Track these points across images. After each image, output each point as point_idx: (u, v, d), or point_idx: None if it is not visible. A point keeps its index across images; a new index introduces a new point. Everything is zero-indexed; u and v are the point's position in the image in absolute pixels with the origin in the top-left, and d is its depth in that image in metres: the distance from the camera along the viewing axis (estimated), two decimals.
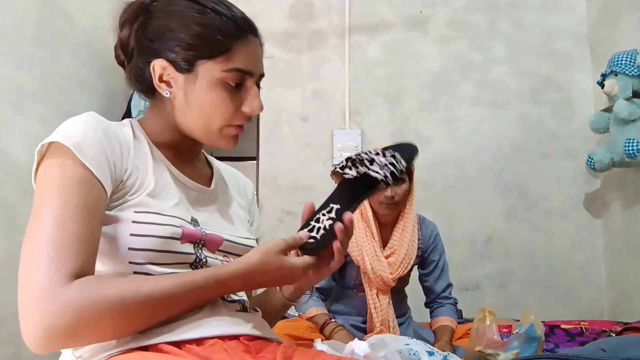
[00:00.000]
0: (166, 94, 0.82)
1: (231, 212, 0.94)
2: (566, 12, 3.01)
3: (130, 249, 0.73)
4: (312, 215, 0.84)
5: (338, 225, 0.81)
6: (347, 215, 0.82)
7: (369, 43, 3.03)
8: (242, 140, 1.06)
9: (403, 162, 0.84)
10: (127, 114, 2.59)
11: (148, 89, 0.86)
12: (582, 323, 2.10)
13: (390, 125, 2.98)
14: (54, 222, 0.67)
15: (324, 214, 0.83)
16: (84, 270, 0.67)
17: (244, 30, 0.80)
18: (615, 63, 2.42)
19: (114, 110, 2.60)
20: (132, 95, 2.77)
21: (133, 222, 0.74)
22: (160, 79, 0.82)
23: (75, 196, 0.69)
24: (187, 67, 0.80)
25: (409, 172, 1.83)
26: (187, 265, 0.79)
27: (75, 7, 2.34)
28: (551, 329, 2.04)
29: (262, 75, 0.85)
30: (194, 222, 0.83)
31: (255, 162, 3.09)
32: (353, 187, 0.85)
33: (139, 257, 0.74)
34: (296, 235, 0.82)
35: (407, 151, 0.87)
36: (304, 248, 0.83)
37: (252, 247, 0.90)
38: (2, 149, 1.83)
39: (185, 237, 0.78)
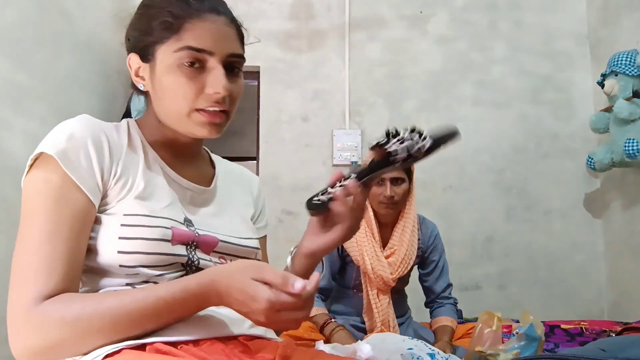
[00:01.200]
0: (141, 86, 0.83)
1: (232, 211, 0.92)
2: (566, 12, 3.01)
3: (119, 252, 0.73)
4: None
5: (339, 190, 0.79)
6: (351, 181, 0.79)
7: (369, 43, 3.03)
8: (242, 140, 1.06)
9: (422, 146, 0.82)
10: (127, 114, 2.59)
11: (139, 89, 0.86)
12: (582, 323, 2.10)
13: (390, 125, 2.97)
14: (33, 242, 0.70)
15: (341, 183, 0.81)
16: (57, 289, 0.69)
17: (196, 8, 0.77)
18: (615, 63, 2.42)
19: (113, 110, 2.60)
20: (131, 95, 2.77)
21: (122, 225, 0.74)
22: (137, 74, 0.83)
23: (58, 213, 0.71)
24: (148, 55, 0.80)
25: (409, 172, 1.83)
26: (179, 266, 0.78)
27: (75, 7, 2.34)
28: (551, 329, 2.04)
29: (232, 55, 0.79)
30: (187, 222, 0.81)
31: (255, 162, 3.09)
32: (377, 162, 0.84)
33: (130, 260, 0.74)
34: (285, 278, 0.66)
35: (441, 137, 0.84)
36: (309, 208, 0.84)
37: (252, 247, 0.89)
38: (2, 149, 1.83)
39: (176, 238, 0.77)
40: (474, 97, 2.98)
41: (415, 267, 1.95)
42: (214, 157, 0.99)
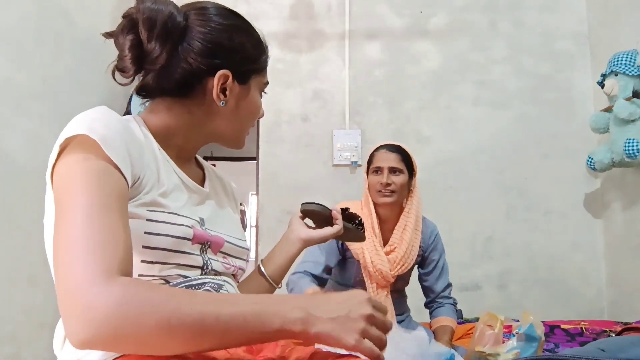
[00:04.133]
0: (222, 103, 0.85)
1: (226, 212, 0.95)
2: (566, 12, 3.01)
3: (144, 247, 0.72)
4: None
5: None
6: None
7: (368, 43, 3.03)
8: None
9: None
10: (127, 114, 2.59)
11: (181, 92, 0.85)
12: (582, 323, 2.10)
13: (390, 125, 2.98)
14: (89, 217, 0.64)
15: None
16: (124, 264, 0.63)
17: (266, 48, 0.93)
18: (615, 63, 2.42)
19: (114, 110, 2.60)
20: (132, 95, 2.77)
21: (147, 220, 0.73)
22: (222, 90, 0.85)
23: (103, 188, 0.67)
24: (244, 78, 0.87)
25: (410, 165, 1.84)
26: (194, 268, 0.78)
27: (75, 7, 2.34)
28: (551, 329, 2.04)
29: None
30: (201, 222, 0.82)
31: (255, 162, 3.09)
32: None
33: (152, 255, 0.73)
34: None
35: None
36: (307, 207, 1.10)
37: (247, 248, 0.93)
38: (2, 149, 1.83)
39: (195, 239, 0.78)
40: (474, 97, 2.98)
41: (416, 266, 1.95)
42: (199, 158, 1.00)
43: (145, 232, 0.72)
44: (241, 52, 0.86)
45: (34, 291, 1.91)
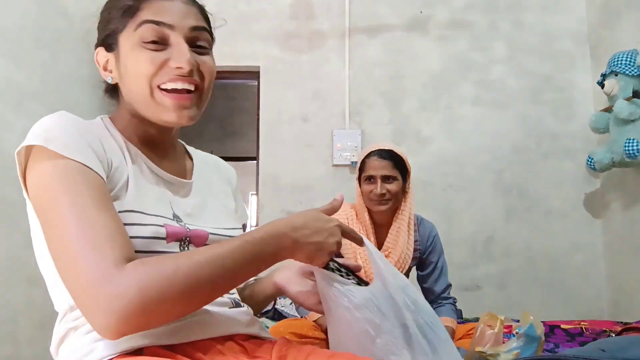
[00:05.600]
0: (109, 79, 0.81)
1: (215, 203, 0.91)
2: (566, 12, 3.01)
3: None
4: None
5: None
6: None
7: (368, 43, 3.03)
8: (242, 140, 1.05)
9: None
10: None
11: (106, 86, 0.85)
12: (582, 323, 2.10)
13: (390, 125, 2.98)
14: (76, 217, 0.64)
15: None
16: (128, 252, 0.65)
17: None
18: (615, 63, 2.42)
19: (114, 110, 2.60)
20: None
21: None
22: (105, 68, 0.82)
23: (83, 186, 0.67)
24: (112, 44, 0.79)
25: (404, 170, 1.82)
26: None
27: (75, 7, 2.34)
28: (551, 329, 2.04)
29: (195, 28, 0.79)
30: (177, 218, 0.79)
31: (255, 162, 3.09)
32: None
33: None
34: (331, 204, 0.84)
35: None
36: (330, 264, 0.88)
37: None
38: (2, 149, 1.83)
39: (170, 236, 0.75)
40: (474, 97, 2.98)
41: (414, 268, 1.94)
42: (190, 149, 0.98)
43: None
44: (100, 23, 0.81)
45: (34, 291, 1.91)
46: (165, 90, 0.76)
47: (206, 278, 0.65)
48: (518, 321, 1.54)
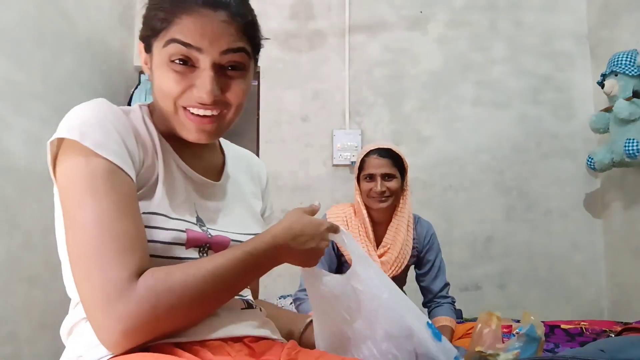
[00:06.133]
0: (147, 76, 0.81)
1: (242, 206, 0.89)
2: (566, 12, 3.01)
3: None
4: None
5: None
6: None
7: (369, 43, 3.03)
8: (242, 140, 1.04)
9: None
10: None
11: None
12: (582, 323, 2.10)
13: (390, 125, 2.98)
14: (98, 224, 0.65)
15: None
16: (143, 264, 0.66)
17: (188, 2, 0.72)
18: (615, 63, 2.42)
19: None
20: (132, 95, 2.77)
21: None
22: (145, 62, 0.81)
23: (110, 192, 0.66)
24: (148, 46, 0.78)
25: (402, 169, 1.83)
26: None
27: (75, 7, 2.34)
28: (551, 329, 2.04)
29: (228, 51, 0.74)
30: (200, 222, 0.78)
31: None
32: None
33: None
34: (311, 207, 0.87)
35: None
36: None
37: None
38: (2, 149, 1.83)
39: (190, 242, 0.74)
40: (474, 97, 2.98)
41: (412, 267, 1.95)
42: (225, 142, 0.95)
43: None
44: (143, 17, 0.78)
45: (34, 291, 1.91)
46: (189, 111, 0.75)
47: (210, 291, 0.68)
48: (518, 321, 1.54)
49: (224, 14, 0.74)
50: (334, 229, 0.87)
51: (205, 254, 0.77)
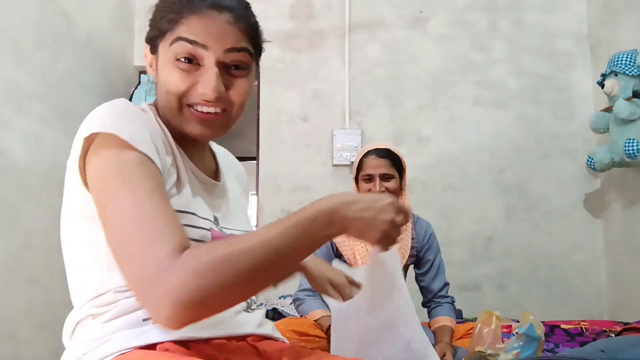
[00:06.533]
0: (150, 78, 0.83)
1: (236, 204, 0.91)
2: (566, 12, 3.01)
3: None
4: None
5: None
6: None
7: (369, 43, 3.03)
8: (242, 140, 1.04)
9: None
10: None
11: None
12: (582, 323, 2.10)
13: (390, 125, 2.98)
14: (135, 206, 0.66)
15: None
16: (184, 241, 0.66)
17: (196, 4, 0.75)
18: (615, 63, 2.42)
19: None
20: (132, 95, 2.77)
21: None
22: (150, 64, 0.82)
23: (145, 181, 0.68)
24: (154, 47, 0.79)
25: (400, 169, 1.83)
26: None
27: (75, 7, 2.34)
28: (551, 329, 2.04)
29: (232, 49, 0.76)
30: (216, 221, 0.80)
31: (255, 162, 3.09)
32: None
33: None
34: None
35: None
36: None
37: None
38: (2, 149, 1.83)
39: (214, 239, 0.76)
40: (474, 97, 2.98)
41: (411, 267, 1.95)
42: (212, 144, 0.97)
43: None
44: (150, 20, 0.80)
45: (34, 291, 1.91)
46: (194, 108, 0.77)
47: (259, 261, 0.64)
48: (518, 321, 1.55)
49: (228, 15, 0.76)
50: (404, 210, 0.77)
51: None
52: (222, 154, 0.98)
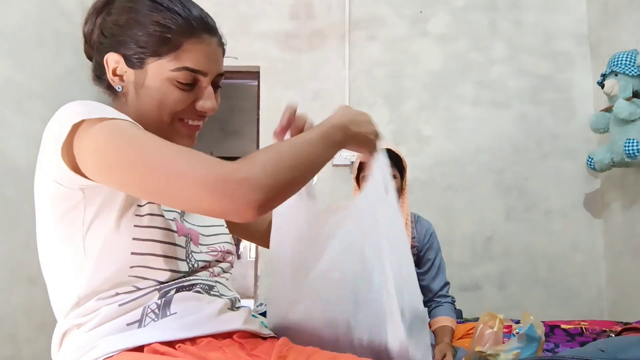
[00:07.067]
0: (118, 88, 0.82)
1: None
2: (566, 12, 3.01)
3: (134, 239, 0.74)
4: None
5: None
6: None
7: (369, 43, 3.03)
8: (242, 140, 1.05)
9: None
10: None
11: (108, 85, 0.85)
12: (582, 323, 2.10)
13: (391, 125, 2.98)
14: (158, 144, 0.68)
15: None
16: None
17: (196, 28, 0.78)
18: (615, 63, 2.42)
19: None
20: None
21: (136, 215, 0.74)
22: (114, 73, 0.82)
23: (143, 131, 0.71)
24: (138, 63, 0.79)
25: (401, 168, 1.83)
26: (182, 261, 0.79)
27: (75, 7, 2.34)
28: (551, 329, 2.04)
29: (221, 75, 0.85)
30: (181, 215, 0.84)
31: None
32: None
33: (142, 247, 0.74)
34: None
35: None
36: None
37: (227, 234, 0.92)
38: (2, 149, 1.83)
39: (179, 230, 0.79)
40: (474, 97, 2.98)
41: None
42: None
43: (135, 226, 0.74)
44: (128, 35, 0.79)
45: (34, 291, 1.91)
46: (185, 121, 0.82)
47: (304, 156, 0.71)
48: (518, 321, 1.55)
49: (216, 38, 0.83)
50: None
51: (189, 244, 0.81)
52: None
